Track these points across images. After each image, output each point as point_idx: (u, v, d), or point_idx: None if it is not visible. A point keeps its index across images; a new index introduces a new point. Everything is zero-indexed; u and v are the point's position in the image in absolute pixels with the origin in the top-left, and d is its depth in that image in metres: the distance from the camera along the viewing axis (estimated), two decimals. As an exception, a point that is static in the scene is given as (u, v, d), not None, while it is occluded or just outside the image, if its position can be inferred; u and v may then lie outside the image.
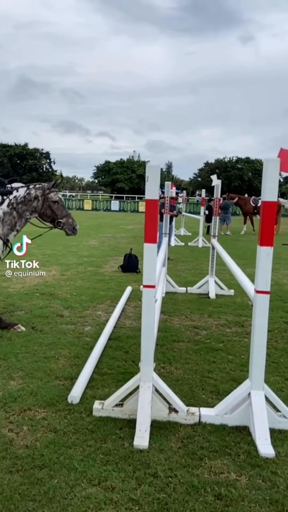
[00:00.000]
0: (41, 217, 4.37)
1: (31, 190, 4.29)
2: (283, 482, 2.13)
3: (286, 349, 4.05)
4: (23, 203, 4.26)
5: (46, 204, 4.28)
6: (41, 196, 4.27)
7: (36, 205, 4.29)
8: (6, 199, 4.25)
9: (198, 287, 6.36)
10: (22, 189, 4.30)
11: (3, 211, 4.22)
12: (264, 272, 2.67)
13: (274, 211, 2.73)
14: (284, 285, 7.00)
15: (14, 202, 4.23)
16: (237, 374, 3.38)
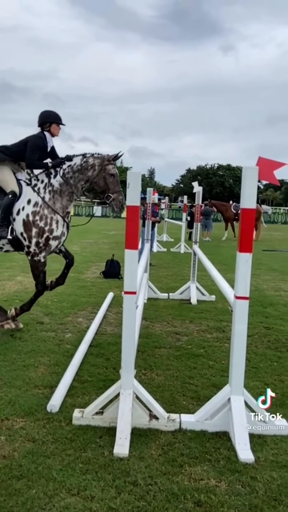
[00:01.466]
0: (92, 188, 4.28)
1: (88, 158, 4.21)
2: (262, 487, 2.15)
3: (265, 354, 4.10)
4: (80, 171, 4.19)
5: (101, 175, 4.18)
6: (98, 165, 4.18)
7: (91, 174, 4.19)
8: (59, 170, 4.21)
9: (180, 293, 6.39)
10: (77, 158, 4.23)
11: (59, 182, 4.18)
12: (244, 278, 2.70)
13: (253, 218, 2.78)
14: (264, 291, 7.10)
15: (69, 171, 4.18)
16: (218, 379, 3.40)
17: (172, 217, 25.37)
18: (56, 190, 4.18)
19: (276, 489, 2.13)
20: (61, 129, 4.36)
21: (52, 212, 4.15)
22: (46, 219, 4.12)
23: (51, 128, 4.27)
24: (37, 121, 4.29)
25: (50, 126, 4.26)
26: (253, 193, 2.71)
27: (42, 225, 4.10)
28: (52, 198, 4.15)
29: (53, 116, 4.29)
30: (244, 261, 2.70)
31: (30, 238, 4.08)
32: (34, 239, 4.09)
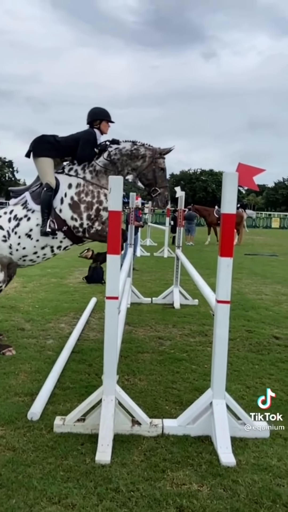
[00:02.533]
0: (140, 179, 4.18)
1: (140, 147, 4.10)
2: (244, 490, 2.16)
3: (247, 357, 4.14)
4: (128, 156, 4.07)
5: (151, 167, 4.09)
6: (149, 157, 4.09)
7: (140, 164, 4.09)
8: (104, 152, 4.08)
9: (163, 297, 6.41)
10: (127, 143, 4.13)
11: (103, 162, 4.06)
12: (225, 282, 2.73)
13: (233, 223, 2.81)
14: (246, 294, 7.18)
15: (117, 153, 4.05)
16: (200, 383, 3.42)
17: (155, 222, 25.50)
18: (99, 170, 4.04)
19: (257, 492, 2.15)
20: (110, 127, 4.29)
21: (98, 187, 4.01)
22: (93, 193, 4.00)
23: (101, 125, 4.18)
24: (87, 118, 4.22)
25: (100, 124, 4.18)
26: (233, 199, 2.74)
27: (89, 199, 3.97)
28: (95, 177, 4.03)
29: (103, 114, 4.22)
30: (225, 265, 2.73)
31: (81, 215, 3.95)
32: (85, 214, 3.96)
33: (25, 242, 3.93)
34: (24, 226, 3.91)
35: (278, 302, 6.74)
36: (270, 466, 2.37)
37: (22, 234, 3.91)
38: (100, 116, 4.17)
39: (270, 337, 4.84)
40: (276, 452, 2.52)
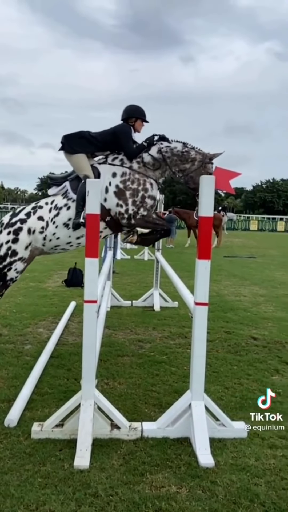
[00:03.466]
0: (187, 181, 4.13)
1: (191, 150, 4.07)
2: (222, 491, 2.18)
3: (226, 358, 4.18)
4: (179, 157, 4.04)
5: (199, 172, 4.02)
6: (199, 161, 4.04)
7: (189, 167, 4.05)
8: (153, 147, 4.04)
9: (143, 300, 6.41)
10: (178, 144, 4.09)
11: (152, 156, 4.02)
12: (203, 285, 2.75)
13: (211, 225, 2.85)
14: (225, 296, 7.26)
15: (168, 152, 4.02)
16: (180, 385, 3.43)
17: (136, 225, 25.49)
18: (147, 162, 4.02)
19: (236, 492, 2.17)
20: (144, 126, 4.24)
21: (144, 176, 3.98)
22: (139, 181, 3.95)
23: (136, 123, 4.14)
24: (122, 114, 4.16)
25: (136, 122, 4.12)
26: (210, 202, 2.78)
27: (135, 186, 3.94)
28: (142, 167, 3.99)
29: (140, 112, 4.16)
30: (203, 268, 2.76)
31: (126, 201, 3.89)
32: (130, 200, 3.91)
33: (61, 232, 3.87)
34: (63, 216, 3.85)
35: (256, 303, 6.85)
36: (248, 466, 2.40)
37: (60, 223, 3.84)
38: (137, 114, 4.14)
39: (248, 338, 4.91)
40: (253, 451, 2.55)
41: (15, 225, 3.79)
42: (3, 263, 3.71)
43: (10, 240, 3.74)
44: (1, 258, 3.71)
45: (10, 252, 3.72)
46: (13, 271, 3.76)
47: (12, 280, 3.79)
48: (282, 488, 2.22)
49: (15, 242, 3.74)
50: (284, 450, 2.58)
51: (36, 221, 3.85)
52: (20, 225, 3.77)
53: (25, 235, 3.78)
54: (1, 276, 3.74)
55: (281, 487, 2.23)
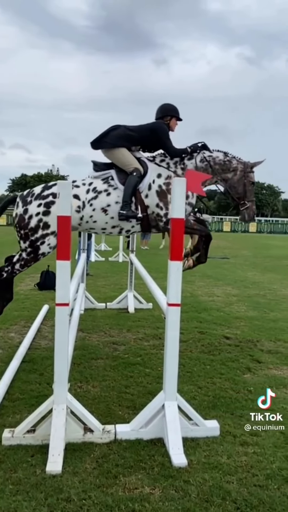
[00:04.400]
0: (229, 190, 4.19)
1: (232, 160, 4.15)
2: (195, 490, 2.20)
3: (199, 358, 4.23)
4: (221, 166, 4.12)
5: (242, 181, 4.13)
6: (241, 171, 4.13)
7: (231, 177, 4.14)
8: (196, 155, 4.10)
9: (118, 302, 6.40)
10: (219, 153, 4.16)
11: (195, 165, 4.07)
12: (175, 286, 2.78)
13: (183, 227, 2.87)
14: (198, 296, 7.35)
15: (211, 161, 4.10)
16: (154, 386, 3.44)
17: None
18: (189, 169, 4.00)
19: (208, 491, 2.19)
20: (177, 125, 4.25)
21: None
22: None
23: (171, 122, 4.15)
24: (157, 113, 4.18)
25: (171, 120, 4.15)
26: (182, 204, 2.80)
27: None
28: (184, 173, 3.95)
29: (175, 110, 4.18)
30: (175, 269, 2.78)
31: (166, 204, 3.91)
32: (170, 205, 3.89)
33: (98, 216, 3.83)
34: (102, 200, 3.82)
35: (229, 303, 6.96)
36: (220, 464, 2.43)
37: (98, 207, 3.80)
38: (172, 112, 4.15)
39: (221, 338, 4.98)
40: (226, 449, 2.59)
41: (47, 198, 3.72)
42: (35, 235, 3.67)
43: (40, 212, 3.69)
44: (32, 229, 3.67)
45: (42, 224, 3.67)
46: (46, 245, 3.72)
47: (43, 255, 3.77)
48: (253, 485, 2.27)
49: (46, 214, 3.69)
50: (255, 447, 2.63)
51: (72, 199, 3.73)
52: (53, 199, 3.70)
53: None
54: (34, 249, 3.70)
55: (252, 483, 2.28)
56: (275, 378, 3.78)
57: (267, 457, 2.52)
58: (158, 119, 4.14)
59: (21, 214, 3.74)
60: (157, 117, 4.16)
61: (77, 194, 3.81)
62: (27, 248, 3.73)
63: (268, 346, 4.73)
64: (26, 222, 3.68)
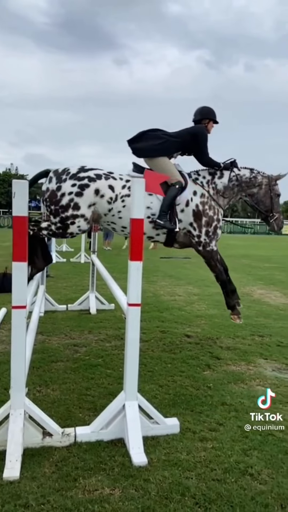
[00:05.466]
0: (257, 205, 4.40)
1: (257, 175, 4.35)
2: (155, 487, 2.22)
3: (161, 357, 4.27)
4: (246, 183, 4.30)
5: (268, 194, 4.33)
6: (266, 185, 4.32)
7: (257, 191, 4.34)
8: (225, 173, 4.28)
9: (79, 303, 6.33)
10: (246, 170, 4.36)
11: (224, 185, 4.25)
12: (135, 286, 2.79)
13: (142, 227, 2.89)
14: (160, 296, 7.41)
15: (238, 179, 4.28)
16: (115, 387, 3.44)
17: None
18: (219, 190, 4.24)
19: (168, 488, 2.22)
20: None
21: (217, 204, 4.21)
22: (214, 209, 4.16)
23: (208, 125, 4.26)
24: (196, 115, 4.27)
25: (208, 123, 4.26)
26: (141, 204, 2.82)
27: (212, 214, 4.14)
28: (215, 194, 4.21)
29: (213, 113, 4.30)
30: (135, 269, 2.80)
31: (200, 227, 4.10)
32: (204, 228, 4.12)
33: (125, 214, 3.87)
34: None
35: (190, 302, 7.08)
36: (179, 460, 2.47)
37: (128, 205, 3.81)
38: (210, 115, 4.26)
39: (182, 336, 5.06)
40: (185, 446, 2.63)
41: (83, 180, 3.78)
42: (65, 213, 3.71)
43: (73, 192, 3.73)
44: (63, 207, 3.71)
45: (72, 204, 3.71)
46: (76, 226, 3.77)
47: (71, 235, 3.84)
48: (212, 479, 2.32)
49: (78, 195, 3.74)
50: (214, 442, 2.69)
51: (107, 188, 3.85)
52: (88, 182, 3.77)
53: (91, 193, 3.76)
54: (64, 226, 3.75)
55: (211, 478, 2.33)
56: (233, 374, 3.89)
57: (225, 451, 2.58)
58: (197, 121, 4.26)
59: (54, 190, 3.75)
60: (195, 119, 4.27)
61: (112, 186, 3.86)
62: (57, 223, 3.78)
63: (227, 343, 4.85)
64: (58, 198, 3.71)
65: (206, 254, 4.24)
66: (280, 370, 4.09)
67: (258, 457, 2.55)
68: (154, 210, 4.01)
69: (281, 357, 4.44)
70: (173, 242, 4.21)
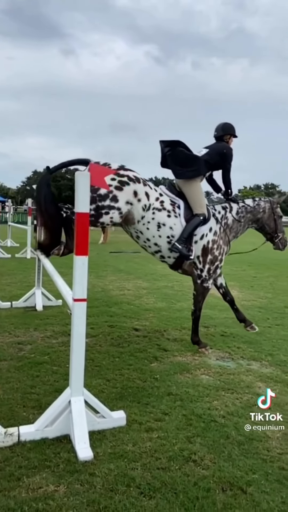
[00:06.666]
0: (263, 228, 4.67)
1: (260, 202, 4.63)
2: (100, 481, 2.23)
3: (109, 352, 4.28)
4: (252, 213, 4.54)
5: (272, 217, 4.62)
6: (269, 209, 4.62)
7: (261, 216, 4.60)
8: (234, 206, 4.50)
9: (24, 300, 6.14)
10: (249, 200, 4.64)
11: (232, 219, 4.46)
12: (81, 281, 2.75)
13: (87, 221, 2.86)
14: (110, 291, 7.41)
15: (243, 211, 4.51)
16: (61, 384, 3.39)
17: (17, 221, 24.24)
18: (228, 224, 4.44)
19: (113, 480, 2.24)
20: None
21: (225, 243, 4.42)
22: (220, 248, 4.36)
23: (229, 140, 4.45)
24: (218, 131, 4.44)
25: (230, 138, 4.45)
26: (86, 198, 2.79)
27: (217, 254, 4.33)
28: (225, 230, 4.41)
29: (234, 129, 4.47)
30: (80, 264, 2.76)
31: (205, 263, 4.28)
32: (207, 266, 4.30)
33: (152, 226, 4.03)
34: (163, 217, 4.03)
35: (139, 296, 7.14)
36: (125, 452, 2.50)
37: (156, 219, 4.01)
38: (232, 131, 4.46)
39: (131, 330, 5.10)
40: (131, 437, 2.67)
41: (123, 177, 3.83)
42: (102, 202, 3.74)
43: (113, 185, 3.77)
44: (101, 196, 3.73)
45: (111, 196, 3.76)
46: (109, 217, 3.79)
47: (102, 224, 3.84)
48: (157, 468, 2.37)
49: (118, 189, 3.79)
50: (159, 432, 2.75)
51: (144, 194, 3.94)
52: (128, 181, 3.83)
53: (130, 192, 3.83)
54: (97, 214, 3.76)
55: (156, 467, 2.38)
56: (179, 364, 3.99)
57: (170, 440, 2.65)
58: (219, 137, 4.44)
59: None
60: (218, 135, 4.45)
61: (148, 194, 3.98)
62: (91, 210, 3.69)
63: (174, 335, 4.97)
64: (97, 187, 3.74)
65: (200, 289, 4.40)
66: (224, 358, 4.27)
67: (201, 443, 2.64)
68: (174, 232, 4.12)
69: (225, 346, 4.63)
70: (179, 268, 4.36)
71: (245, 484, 2.27)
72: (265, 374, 3.86)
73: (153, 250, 4.22)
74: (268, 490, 2.24)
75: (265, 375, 3.82)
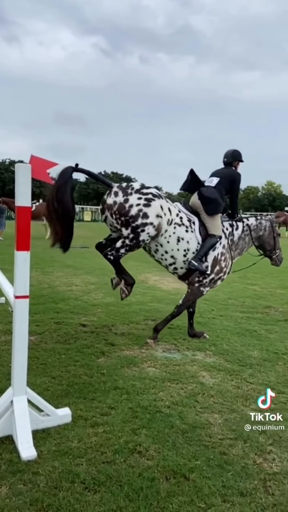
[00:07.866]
0: (263, 245, 4.97)
1: (261, 220, 4.89)
2: (44, 479, 2.20)
3: (55, 349, 4.20)
4: (255, 230, 4.81)
5: (271, 235, 4.90)
6: (269, 227, 4.89)
7: (262, 233, 4.87)
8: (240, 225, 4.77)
9: None
10: (251, 218, 4.90)
11: (238, 236, 4.72)
12: (22, 277, 2.68)
13: (29, 216, 2.78)
14: (56, 287, 7.27)
15: (247, 230, 4.76)
16: (3, 384, 3.27)
17: None
18: (234, 241, 4.68)
19: (57, 477, 2.21)
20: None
21: (231, 257, 4.61)
22: (226, 261, 4.57)
23: (237, 166, 4.72)
24: (228, 157, 4.68)
25: (237, 164, 4.71)
26: (27, 191, 2.71)
27: (223, 266, 4.54)
28: (232, 246, 4.64)
29: (241, 155, 4.72)
30: (22, 259, 2.69)
31: (211, 272, 4.47)
32: (212, 275, 4.47)
33: (172, 240, 4.24)
34: (182, 231, 4.28)
35: (87, 291, 7.08)
36: (70, 449, 2.48)
37: (177, 233, 4.25)
38: (240, 158, 4.72)
39: (78, 326, 5.04)
40: (77, 434, 2.65)
41: (148, 195, 4.01)
42: (135, 222, 3.91)
43: (141, 204, 3.94)
44: (132, 217, 3.91)
45: (141, 214, 3.92)
46: (146, 233, 3.97)
47: (143, 241, 4.02)
48: (102, 462, 2.37)
49: (147, 206, 3.95)
50: (105, 426, 2.76)
51: (167, 208, 4.16)
52: (153, 197, 4.02)
53: (157, 206, 4.01)
54: (135, 235, 3.95)
55: (101, 461, 2.38)
56: (126, 358, 4.01)
57: (116, 434, 2.67)
58: (228, 163, 4.71)
59: (121, 202, 3.94)
60: (228, 161, 4.71)
61: (170, 209, 4.20)
62: (129, 235, 3.97)
63: (122, 329, 4.98)
64: (127, 210, 3.91)
65: (195, 290, 4.52)
66: (170, 350, 4.36)
67: (146, 434, 2.68)
68: (190, 246, 4.36)
69: (171, 338, 4.73)
70: (188, 278, 4.53)
71: (188, 471, 2.34)
72: (209, 363, 4.00)
73: (169, 263, 4.42)
74: (210, 475, 2.32)
75: (208, 365, 3.96)
